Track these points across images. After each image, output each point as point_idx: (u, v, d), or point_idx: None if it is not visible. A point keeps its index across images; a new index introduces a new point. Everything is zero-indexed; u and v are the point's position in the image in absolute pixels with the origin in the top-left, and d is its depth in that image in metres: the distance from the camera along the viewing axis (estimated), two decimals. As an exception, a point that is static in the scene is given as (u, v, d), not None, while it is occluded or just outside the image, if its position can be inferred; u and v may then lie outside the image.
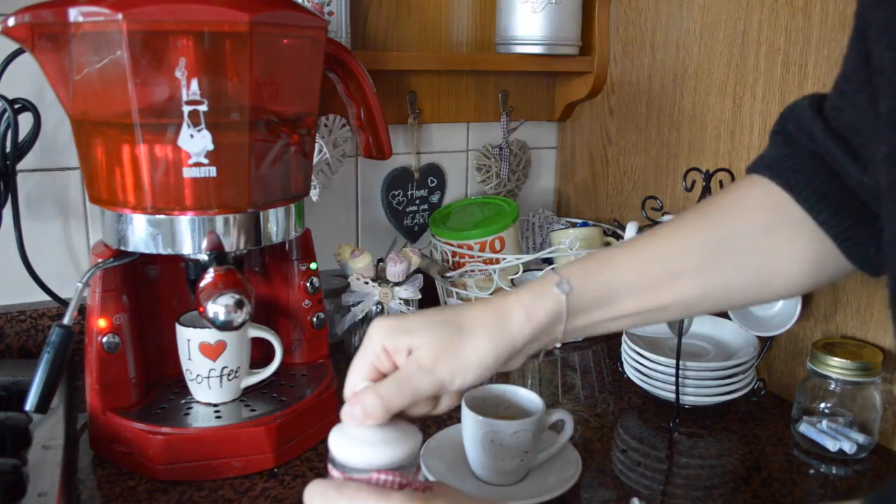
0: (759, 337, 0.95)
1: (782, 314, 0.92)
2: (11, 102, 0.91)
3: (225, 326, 0.69)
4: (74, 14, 0.66)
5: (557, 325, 0.56)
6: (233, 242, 0.74)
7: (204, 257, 0.74)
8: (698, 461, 0.82)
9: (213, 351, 0.80)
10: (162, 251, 0.73)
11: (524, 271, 1.11)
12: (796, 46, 0.92)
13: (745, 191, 0.60)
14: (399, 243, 1.14)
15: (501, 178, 1.32)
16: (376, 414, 0.52)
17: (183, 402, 0.83)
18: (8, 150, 0.91)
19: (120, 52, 0.65)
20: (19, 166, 0.94)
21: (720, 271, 0.58)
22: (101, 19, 0.65)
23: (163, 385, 0.86)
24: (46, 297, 1.00)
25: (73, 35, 0.67)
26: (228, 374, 0.81)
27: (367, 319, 1.03)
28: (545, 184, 1.43)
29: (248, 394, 0.84)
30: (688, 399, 0.90)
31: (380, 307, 1.03)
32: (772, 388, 0.99)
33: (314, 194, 1.12)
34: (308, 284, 0.89)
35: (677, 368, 0.89)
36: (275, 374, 0.85)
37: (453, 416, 0.90)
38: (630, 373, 0.98)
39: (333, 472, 0.52)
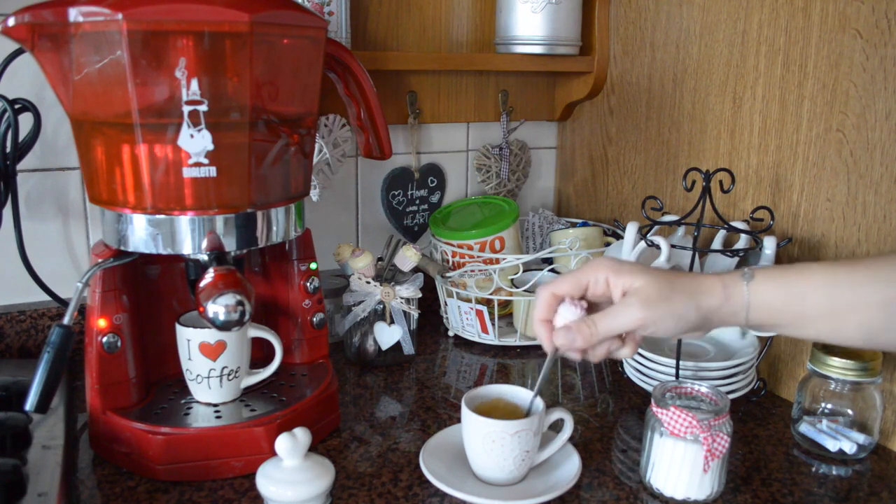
0: (758, 337, 0.95)
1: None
2: (11, 102, 0.91)
3: (225, 326, 0.69)
4: (74, 14, 0.66)
5: (741, 309, 0.63)
6: (233, 242, 0.74)
7: (204, 257, 0.74)
8: (698, 461, 0.82)
9: (213, 351, 0.80)
10: (162, 251, 0.73)
11: (524, 271, 1.11)
12: (796, 46, 0.92)
13: None
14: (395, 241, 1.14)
15: (501, 178, 1.32)
16: (590, 341, 0.63)
17: (183, 402, 0.83)
18: (8, 150, 0.91)
19: (120, 52, 0.65)
20: (19, 166, 0.94)
21: None
22: (101, 19, 0.65)
23: (163, 385, 0.86)
24: (46, 297, 1.00)
25: (73, 35, 0.67)
26: (228, 374, 0.81)
27: (368, 319, 1.04)
28: (545, 184, 1.43)
29: (248, 394, 0.84)
30: (688, 399, 0.90)
31: (381, 306, 1.03)
32: (772, 388, 0.99)
33: (314, 194, 1.12)
34: (308, 284, 0.89)
35: (677, 368, 0.89)
36: (275, 374, 0.85)
37: (453, 417, 0.90)
38: (630, 373, 0.98)
39: None
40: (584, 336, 0.63)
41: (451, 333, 1.17)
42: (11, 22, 0.67)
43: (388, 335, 1.04)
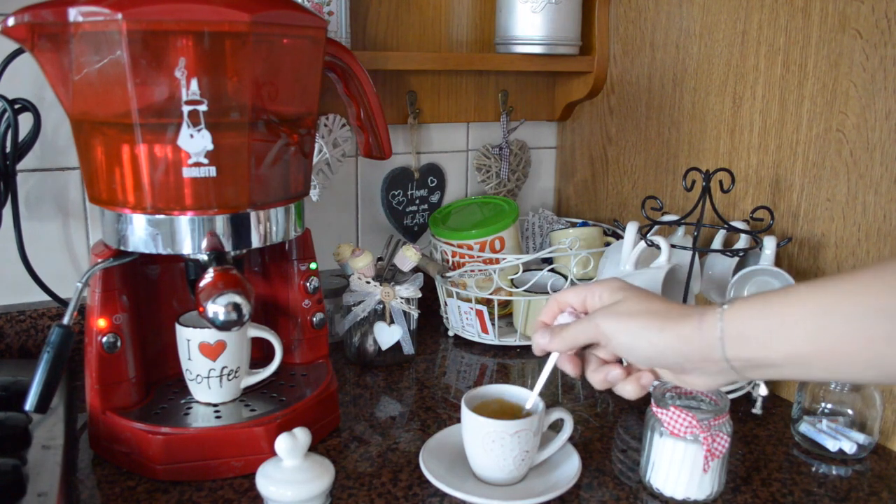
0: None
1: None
2: (11, 102, 0.91)
3: (225, 326, 0.69)
4: (74, 14, 0.66)
5: (716, 340, 0.55)
6: (232, 242, 0.74)
7: (204, 257, 0.74)
8: (698, 461, 0.82)
9: (213, 351, 0.80)
10: (162, 251, 0.73)
11: (524, 271, 1.11)
12: (796, 46, 0.92)
13: None
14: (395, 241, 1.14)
15: (501, 178, 1.32)
16: (559, 344, 0.64)
17: (183, 402, 0.83)
18: (8, 150, 0.91)
19: (120, 52, 0.65)
20: (19, 166, 0.94)
21: None
22: (101, 19, 0.65)
23: (163, 385, 0.86)
24: (46, 297, 1.00)
25: (72, 35, 0.67)
26: (228, 374, 0.81)
27: (368, 319, 1.04)
28: (545, 184, 1.43)
29: (248, 394, 0.84)
30: (688, 399, 0.90)
31: (381, 306, 1.03)
32: (772, 388, 0.99)
33: (314, 194, 1.12)
34: (308, 284, 0.89)
35: (677, 368, 0.89)
36: (275, 374, 0.85)
37: (453, 417, 0.90)
38: (630, 373, 0.98)
39: None
40: (556, 338, 0.64)
41: (451, 333, 1.17)
42: (11, 22, 0.67)
43: (388, 335, 1.04)
